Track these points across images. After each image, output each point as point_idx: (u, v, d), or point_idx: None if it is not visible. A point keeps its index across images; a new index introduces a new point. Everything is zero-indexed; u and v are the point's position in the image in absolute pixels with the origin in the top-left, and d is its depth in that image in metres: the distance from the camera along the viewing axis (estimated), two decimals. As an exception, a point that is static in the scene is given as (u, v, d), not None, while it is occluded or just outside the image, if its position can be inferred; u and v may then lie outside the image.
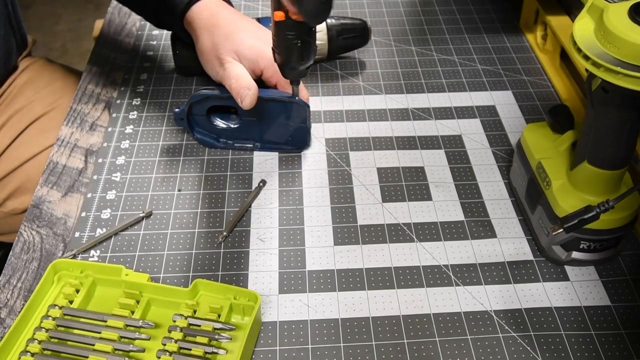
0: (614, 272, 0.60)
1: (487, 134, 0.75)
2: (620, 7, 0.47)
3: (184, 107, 0.69)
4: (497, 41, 0.90)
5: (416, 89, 0.81)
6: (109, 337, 0.52)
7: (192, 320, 0.53)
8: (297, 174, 0.70)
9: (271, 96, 0.68)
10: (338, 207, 0.66)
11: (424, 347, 0.54)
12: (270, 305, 0.57)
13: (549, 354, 0.53)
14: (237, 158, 0.72)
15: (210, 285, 0.55)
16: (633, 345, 0.54)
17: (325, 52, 0.83)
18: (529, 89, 0.81)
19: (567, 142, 0.60)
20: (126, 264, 0.60)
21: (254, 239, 0.63)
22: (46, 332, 0.53)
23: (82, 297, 0.56)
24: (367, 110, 0.78)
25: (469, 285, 0.59)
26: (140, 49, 0.88)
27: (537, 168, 0.60)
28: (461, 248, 0.62)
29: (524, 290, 0.58)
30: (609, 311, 0.57)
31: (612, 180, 0.55)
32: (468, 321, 0.56)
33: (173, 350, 0.51)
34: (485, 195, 0.67)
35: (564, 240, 0.58)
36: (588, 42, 0.47)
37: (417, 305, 0.57)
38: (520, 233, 0.63)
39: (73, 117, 0.78)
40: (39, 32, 2.39)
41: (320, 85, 0.82)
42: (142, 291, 0.56)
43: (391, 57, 0.87)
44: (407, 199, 0.67)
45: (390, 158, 0.72)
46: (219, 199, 0.67)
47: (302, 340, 0.55)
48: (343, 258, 0.61)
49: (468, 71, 0.84)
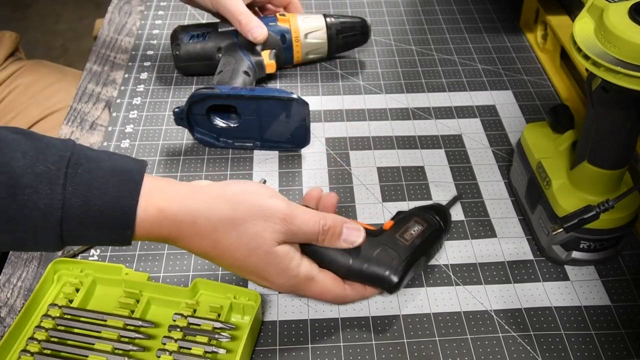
0: (614, 271, 0.60)
1: (487, 134, 0.75)
2: (621, 7, 0.47)
3: (184, 107, 0.69)
4: (497, 41, 0.90)
5: (416, 88, 0.81)
6: (109, 336, 0.52)
7: (192, 320, 0.53)
8: (297, 173, 0.70)
9: (271, 95, 0.68)
10: (338, 206, 0.66)
11: (423, 347, 0.54)
12: (270, 305, 0.57)
13: (549, 353, 0.53)
14: (237, 157, 0.72)
15: (210, 285, 0.55)
16: (633, 345, 0.54)
17: (325, 51, 0.83)
18: (529, 89, 0.81)
19: (567, 142, 0.60)
20: (126, 263, 0.60)
21: (254, 238, 0.63)
22: (46, 332, 0.53)
23: (82, 296, 0.56)
24: (367, 109, 0.78)
25: (469, 285, 0.59)
26: (140, 48, 0.88)
27: (537, 168, 0.60)
28: (461, 248, 0.62)
29: (524, 290, 0.58)
30: (609, 311, 0.57)
31: (612, 180, 0.55)
32: (468, 321, 0.56)
33: (173, 350, 0.51)
34: (485, 195, 0.67)
35: (564, 239, 0.58)
36: (588, 41, 0.47)
37: (417, 304, 0.57)
38: (520, 233, 0.63)
39: (73, 117, 0.78)
40: (39, 31, 2.39)
41: (320, 85, 0.82)
42: (142, 290, 0.56)
43: (391, 57, 0.87)
44: (407, 199, 0.67)
45: (390, 157, 0.72)
46: (219, 199, 0.67)
47: (302, 339, 0.55)
48: (343, 257, 0.61)
49: (468, 71, 0.84)
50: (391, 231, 0.56)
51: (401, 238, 0.55)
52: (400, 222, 0.57)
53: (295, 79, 0.83)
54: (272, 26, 0.79)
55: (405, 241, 0.55)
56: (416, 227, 0.57)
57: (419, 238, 0.56)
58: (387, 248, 0.54)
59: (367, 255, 0.54)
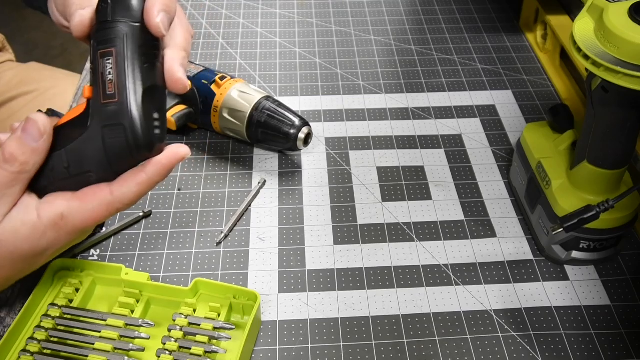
0: (613, 271, 0.60)
1: (487, 134, 0.75)
2: (620, 7, 0.47)
3: None
4: (497, 41, 0.90)
5: (416, 88, 0.81)
6: (109, 336, 0.52)
7: (192, 320, 0.53)
8: (297, 173, 0.70)
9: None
10: (338, 206, 0.66)
11: (423, 347, 0.54)
12: (270, 305, 0.57)
13: (549, 353, 0.53)
14: (236, 157, 0.72)
15: (210, 285, 0.55)
16: (633, 344, 0.54)
17: (244, 136, 0.70)
18: (529, 89, 0.81)
19: (567, 142, 0.60)
20: (126, 263, 0.60)
21: (254, 238, 0.63)
22: (46, 332, 0.53)
23: (82, 296, 0.56)
24: (367, 109, 0.78)
25: (468, 285, 0.59)
26: (140, 48, 0.88)
27: (537, 167, 0.60)
28: (461, 247, 0.62)
29: (524, 290, 0.58)
30: (608, 311, 0.57)
31: (612, 180, 0.55)
32: (468, 321, 0.56)
33: (173, 349, 0.51)
34: (485, 195, 0.67)
35: (563, 239, 0.58)
36: (588, 41, 0.47)
37: (416, 304, 0.57)
38: (520, 232, 0.63)
39: (73, 116, 0.78)
40: (38, 31, 2.39)
41: (320, 85, 0.82)
42: (142, 290, 0.56)
43: (391, 57, 0.87)
44: (407, 199, 0.67)
45: (390, 157, 0.72)
46: (219, 198, 0.67)
47: (302, 339, 0.55)
48: (343, 257, 0.61)
49: (468, 70, 0.84)
50: (94, 98, 0.44)
51: (106, 100, 0.43)
52: (92, 76, 0.43)
53: (295, 79, 0.83)
54: (203, 84, 0.70)
55: (112, 99, 0.42)
56: (107, 61, 0.43)
57: (118, 70, 0.42)
58: (97, 116, 0.42)
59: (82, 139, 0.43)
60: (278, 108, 0.68)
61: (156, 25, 0.44)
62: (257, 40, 0.89)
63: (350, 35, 0.91)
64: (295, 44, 0.89)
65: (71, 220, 0.46)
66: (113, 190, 0.46)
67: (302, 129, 0.67)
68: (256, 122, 0.68)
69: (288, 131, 0.67)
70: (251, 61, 0.85)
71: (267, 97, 0.69)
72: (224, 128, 0.71)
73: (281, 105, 0.68)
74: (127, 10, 0.43)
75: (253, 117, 0.68)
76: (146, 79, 0.44)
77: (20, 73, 0.97)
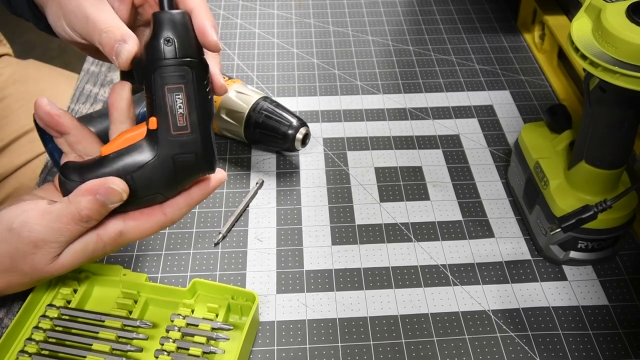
0: (611, 271, 0.60)
1: (485, 134, 0.75)
2: (618, 7, 0.47)
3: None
4: (494, 41, 0.90)
5: (414, 88, 0.81)
6: (107, 337, 0.52)
7: (190, 320, 0.53)
8: (294, 174, 0.70)
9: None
10: (336, 206, 0.66)
11: (421, 347, 0.54)
12: (268, 305, 0.57)
13: (547, 353, 0.53)
14: (234, 158, 0.71)
15: (208, 285, 0.55)
16: (631, 344, 0.54)
17: (242, 136, 0.70)
18: (526, 89, 0.81)
19: (565, 142, 0.60)
20: (124, 263, 0.60)
21: (252, 238, 0.63)
22: (44, 332, 0.53)
23: (80, 297, 0.56)
24: (364, 109, 0.78)
25: (466, 285, 0.59)
26: (137, 48, 0.88)
27: (534, 168, 0.60)
28: (459, 248, 0.62)
29: (522, 290, 0.58)
30: (606, 311, 0.57)
31: (609, 180, 0.55)
32: (466, 321, 0.56)
33: (171, 350, 0.51)
34: (483, 195, 0.67)
35: (561, 239, 0.58)
36: (586, 41, 0.47)
37: (414, 305, 0.57)
38: (518, 233, 0.63)
39: (70, 117, 0.78)
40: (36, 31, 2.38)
41: (317, 85, 0.82)
42: (140, 291, 0.56)
43: (389, 57, 0.87)
44: (404, 199, 0.67)
45: (388, 158, 0.72)
46: (217, 199, 0.67)
47: (300, 340, 0.55)
48: (341, 258, 0.61)
49: (466, 71, 0.84)
50: (161, 129, 0.46)
51: (177, 131, 0.46)
52: (158, 110, 0.46)
53: (292, 79, 0.83)
54: None
55: (184, 130, 0.46)
56: (177, 97, 0.46)
57: (189, 105, 0.46)
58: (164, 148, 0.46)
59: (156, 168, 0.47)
60: (276, 108, 0.68)
61: (214, 43, 0.47)
62: (254, 40, 0.89)
63: (347, 36, 0.91)
64: (292, 44, 0.89)
65: (128, 236, 0.50)
66: (166, 212, 0.50)
67: (300, 130, 0.67)
68: (254, 122, 0.68)
69: (286, 132, 0.67)
70: (249, 62, 0.85)
71: (264, 97, 0.69)
72: (222, 129, 0.71)
73: (279, 105, 0.68)
74: (190, 48, 0.46)
75: (251, 118, 0.68)
76: (211, 110, 0.48)
77: (18, 70, 0.97)
